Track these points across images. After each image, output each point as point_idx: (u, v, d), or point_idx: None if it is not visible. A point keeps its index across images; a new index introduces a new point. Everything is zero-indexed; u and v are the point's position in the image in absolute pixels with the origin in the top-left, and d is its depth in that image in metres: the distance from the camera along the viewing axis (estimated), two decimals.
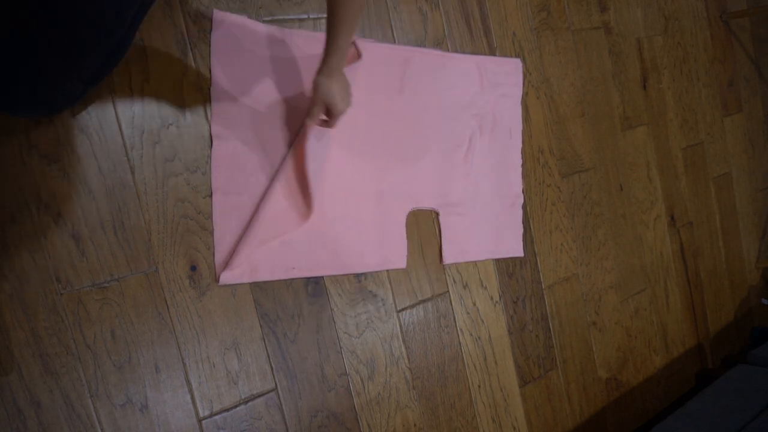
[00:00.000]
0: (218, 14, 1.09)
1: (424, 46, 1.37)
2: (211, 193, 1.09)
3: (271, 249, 1.14)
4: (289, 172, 1.15)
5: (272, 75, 1.15)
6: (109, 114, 1.00)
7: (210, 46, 1.09)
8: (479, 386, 1.44)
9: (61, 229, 0.96)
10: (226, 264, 1.09)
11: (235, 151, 1.11)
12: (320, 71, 1.01)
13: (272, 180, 1.14)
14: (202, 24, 1.08)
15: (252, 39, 1.12)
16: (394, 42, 1.33)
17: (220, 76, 1.09)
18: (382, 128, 1.28)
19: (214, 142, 1.09)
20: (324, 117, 1.10)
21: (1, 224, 0.92)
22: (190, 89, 1.07)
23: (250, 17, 1.13)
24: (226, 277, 1.09)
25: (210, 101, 1.09)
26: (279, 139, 1.16)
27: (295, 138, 1.17)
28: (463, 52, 1.44)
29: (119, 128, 1.01)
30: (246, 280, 1.11)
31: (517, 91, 1.52)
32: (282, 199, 1.14)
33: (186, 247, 1.06)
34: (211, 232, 1.09)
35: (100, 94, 0.99)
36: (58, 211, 0.96)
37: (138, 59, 1.02)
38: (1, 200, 0.92)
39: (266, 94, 1.14)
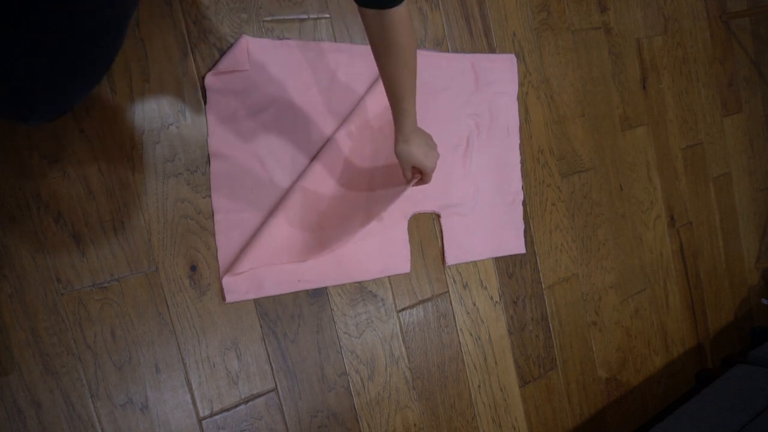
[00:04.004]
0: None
1: (424, 47, 1.37)
2: (213, 212, 1.09)
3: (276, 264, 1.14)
4: (297, 194, 1.15)
5: (269, 88, 1.15)
6: (109, 114, 1.00)
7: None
8: (479, 386, 1.44)
9: (61, 229, 0.96)
10: (232, 282, 1.09)
11: (234, 168, 1.10)
12: (397, 140, 1.02)
13: (277, 200, 1.14)
14: (202, 24, 1.08)
15: (247, 55, 1.12)
16: None
17: (216, 91, 1.09)
18: (380, 135, 1.28)
19: (212, 160, 1.08)
20: (417, 177, 1.12)
21: (1, 224, 0.92)
22: (190, 89, 1.07)
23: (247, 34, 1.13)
24: (233, 296, 1.09)
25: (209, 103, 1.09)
26: (279, 152, 1.15)
27: (297, 152, 1.17)
28: (463, 52, 1.44)
29: (119, 128, 1.01)
30: (252, 296, 1.12)
31: (513, 88, 1.51)
32: (288, 224, 1.14)
33: (186, 247, 1.06)
34: (212, 233, 1.09)
35: (100, 94, 0.99)
36: (58, 211, 0.96)
37: (138, 59, 1.02)
38: (1, 200, 0.92)
39: (264, 108, 1.14)
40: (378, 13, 0.85)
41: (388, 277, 1.30)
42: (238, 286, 1.10)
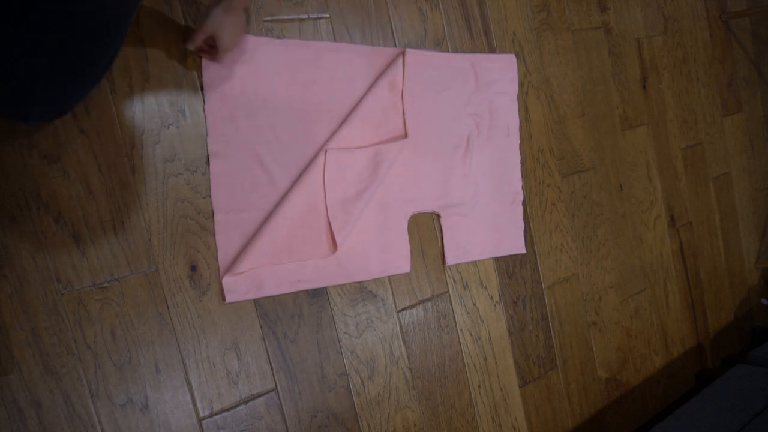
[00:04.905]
0: None
1: (424, 47, 1.37)
2: (213, 212, 1.09)
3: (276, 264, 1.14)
4: (296, 194, 1.15)
5: (269, 88, 1.14)
6: (109, 114, 1.00)
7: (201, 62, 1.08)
8: (479, 386, 1.44)
9: (61, 229, 0.96)
10: (232, 282, 1.09)
11: (234, 168, 1.10)
12: (219, 3, 0.99)
13: (277, 200, 1.14)
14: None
15: (246, 54, 1.12)
16: (395, 43, 1.33)
17: (216, 91, 1.09)
18: (380, 134, 1.28)
19: (212, 160, 1.09)
20: (207, 46, 1.07)
21: (1, 224, 0.92)
22: (191, 89, 1.07)
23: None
24: (233, 296, 1.09)
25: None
26: (278, 152, 1.15)
27: (296, 152, 1.17)
28: (463, 52, 1.43)
29: (119, 128, 1.01)
30: (252, 296, 1.12)
31: (513, 88, 1.51)
32: (288, 224, 1.14)
33: (186, 247, 1.06)
34: (212, 233, 1.09)
35: (100, 94, 0.99)
36: (58, 211, 0.96)
37: (138, 59, 1.02)
38: (1, 200, 0.92)
39: (263, 107, 1.14)
40: None
41: (388, 277, 1.30)
42: (238, 286, 1.10)
